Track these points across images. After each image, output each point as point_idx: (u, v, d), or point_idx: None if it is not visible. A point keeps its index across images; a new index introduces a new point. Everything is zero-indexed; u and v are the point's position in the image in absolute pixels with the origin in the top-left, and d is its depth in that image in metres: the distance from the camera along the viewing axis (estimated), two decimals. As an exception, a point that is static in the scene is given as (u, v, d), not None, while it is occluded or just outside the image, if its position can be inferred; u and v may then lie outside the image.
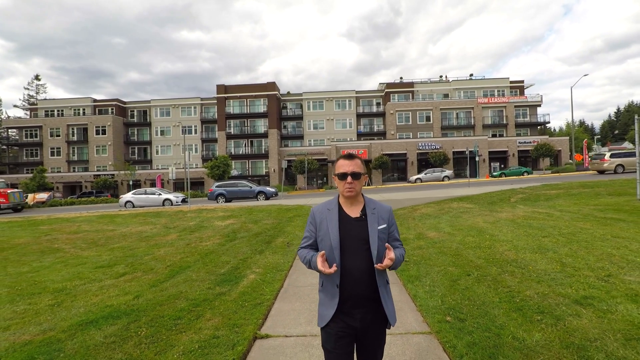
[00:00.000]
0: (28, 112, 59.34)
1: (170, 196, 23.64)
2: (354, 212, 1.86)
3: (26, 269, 7.01)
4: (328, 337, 1.79)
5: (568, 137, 44.69)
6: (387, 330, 1.87)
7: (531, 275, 4.47)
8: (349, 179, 1.81)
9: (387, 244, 1.75)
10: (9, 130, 54.03)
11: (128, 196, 23.95)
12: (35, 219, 16.60)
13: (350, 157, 1.87)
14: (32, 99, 67.14)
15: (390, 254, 1.70)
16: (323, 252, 1.73)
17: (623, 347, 2.67)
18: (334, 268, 1.67)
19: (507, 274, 4.62)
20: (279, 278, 5.38)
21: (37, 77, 70.42)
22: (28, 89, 69.58)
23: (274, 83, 49.98)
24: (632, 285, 3.81)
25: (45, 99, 58.02)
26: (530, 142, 42.38)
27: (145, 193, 24.07)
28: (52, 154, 50.92)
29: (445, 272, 5.01)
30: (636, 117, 12.08)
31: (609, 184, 16.40)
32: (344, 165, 1.84)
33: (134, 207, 23.26)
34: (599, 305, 3.40)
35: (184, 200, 23.95)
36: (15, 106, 68.92)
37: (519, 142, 42.63)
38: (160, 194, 23.77)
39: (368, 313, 1.77)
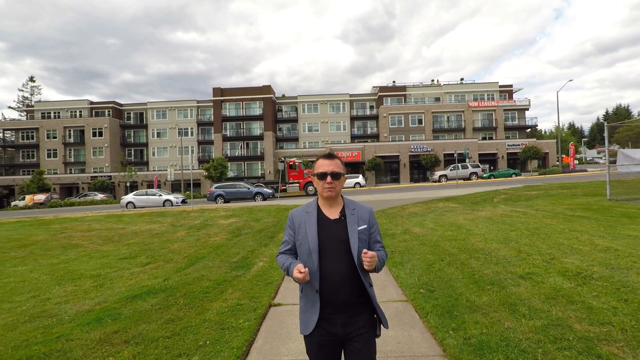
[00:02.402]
0: (23, 114, 59.59)
1: (171, 197, 24.45)
2: (332, 213, 1.82)
3: (56, 261, 7.87)
4: (310, 345, 1.76)
5: (555, 140, 46.20)
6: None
7: (492, 260, 5.47)
8: (329, 178, 1.77)
9: (363, 249, 1.67)
10: (5, 131, 54.19)
11: (129, 197, 24.72)
12: (43, 218, 17.34)
13: (330, 156, 1.84)
14: (26, 101, 67.30)
15: (369, 253, 1.63)
16: (302, 267, 1.65)
17: (542, 303, 3.67)
18: (305, 272, 1.62)
19: (473, 259, 5.62)
20: (284, 265, 6.31)
21: (31, 79, 70.59)
22: (23, 90, 69.81)
23: (269, 86, 50.93)
24: (567, 265, 4.82)
25: (41, 101, 58.35)
26: (518, 145, 43.79)
27: (146, 194, 24.88)
28: (49, 155, 51.28)
29: (423, 259, 6.00)
30: (605, 124, 13.22)
31: (586, 186, 17.57)
32: (323, 165, 1.81)
33: (135, 207, 24.02)
34: (536, 278, 4.41)
35: (183, 201, 24.75)
36: (10, 107, 69.00)
37: (508, 145, 44.01)
38: (160, 195, 24.58)
39: (350, 319, 1.71)
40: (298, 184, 27.10)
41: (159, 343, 3.32)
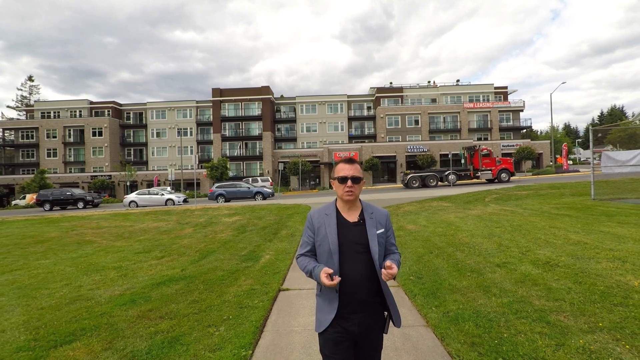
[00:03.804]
0: (22, 113, 59.92)
1: (173, 196, 25.01)
2: (351, 216, 1.88)
3: (75, 255, 8.47)
4: (326, 342, 1.81)
5: (549, 141, 47.06)
6: None
7: (475, 252, 6.14)
8: (349, 182, 1.83)
9: (386, 262, 1.74)
10: (5, 131, 54.51)
11: (132, 196, 25.27)
12: (51, 217, 17.89)
13: (350, 161, 1.89)
14: (25, 100, 67.61)
15: (393, 269, 1.70)
16: (329, 270, 1.72)
17: (512, 285, 4.33)
18: (337, 279, 1.68)
19: (458, 252, 6.29)
20: (288, 258, 6.96)
21: (30, 78, 70.84)
22: (21, 89, 70.05)
23: (268, 87, 51.52)
24: (538, 256, 5.49)
25: (40, 101, 58.70)
26: (513, 146, 44.67)
27: (149, 193, 25.41)
28: (49, 155, 51.66)
29: (415, 252, 6.66)
30: (590, 127, 13.94)
31: (574, 186, 18.28)
32: (344, 169, 1.86)
33: (137, 206, 24.56)
34: (510, 267, 5.07)
35: (185, 200, 25.32)
36: (9, 107, 69.25)
37: (503, 146, 44.87)
38: (163, 194, 25.13)
39: (367, 318, 1.79)
40: (491, 171, 27.23)
41: (189, 317, 3.96)
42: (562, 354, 2.76)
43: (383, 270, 1.72)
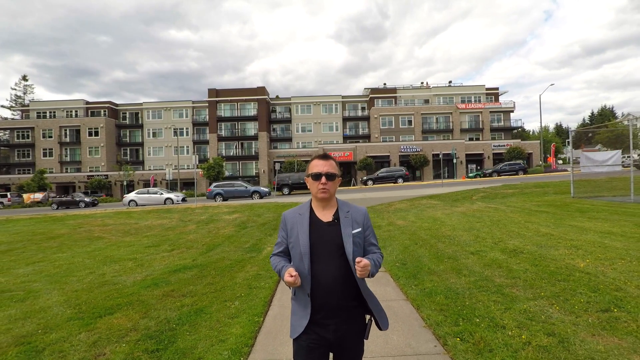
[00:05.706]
0: (15, 113, 59.99)
1: (171, 195, 25.62)
2: (326, 216, 1.79)
3: (90, 249, 9.13)
4: (299, 349, 1.72)
5: (539, 141, 48.24)
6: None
7: (454, 242, 6.92)
8: (323, 179, 1.75)
9: (357, 257, 1.62)
10: (0, 131, 54.59)
11: (132, 195, 25.82)
12: (54, 215, 18.44)
13: (324, 157, 1.81)
14: (19, 100, 67.52)
15: (362, 262, 1.58)
16: (293, 271, 1.61)
17: (480, 268, 5.11)
18: (296, 276, 1.59)
19: (440, 243, 7.07)
20: (288, 250, 7.68)
21: (24, 78, 70.67)
22: (15, 89, 69.85)
23: (263, 88, 52.16)
24: (508, 245, 6.28)
25: (36, 101, 58.76)
26: (504, 146, 45.72)
27: (148, 192, 25.99)
28: (45, 154, 51.85)
29: (401, 244, 7.42)
30: (570, 129, 14.82)
31: (558, 185, 19.22)
32: (318, 165, 1.78)
33: (137, 205, 25.12)
34: (482, 254, 5.86)
35: (183, 199, 25.93)
36: (2, 106, 69.03)
37: (494, 146, 45.92)
38: (162, 194, 25.72)
39: (343, 324, 1.69)
40: None
41: (207, 295, 4.68)
42: (508, 314, 3.53)
43: (355, 266, 1.61)
